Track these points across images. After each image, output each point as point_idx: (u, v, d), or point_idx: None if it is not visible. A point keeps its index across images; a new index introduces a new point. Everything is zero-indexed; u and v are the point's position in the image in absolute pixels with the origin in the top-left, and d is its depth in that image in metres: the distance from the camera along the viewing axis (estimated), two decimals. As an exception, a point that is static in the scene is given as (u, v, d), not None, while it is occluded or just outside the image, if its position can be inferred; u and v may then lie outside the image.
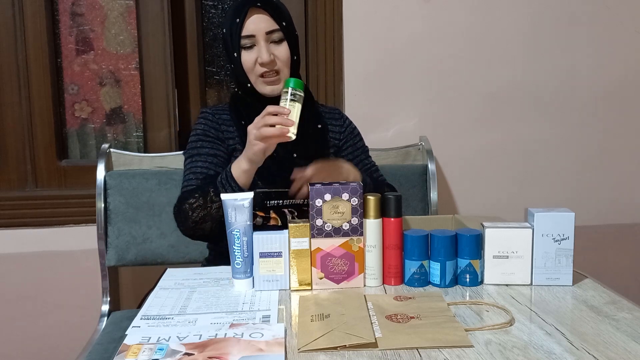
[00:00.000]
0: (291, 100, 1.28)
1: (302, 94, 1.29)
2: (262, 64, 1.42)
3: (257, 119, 1.29)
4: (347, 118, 1.63)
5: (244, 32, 1.41)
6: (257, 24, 1.41)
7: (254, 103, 1.47)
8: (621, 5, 2.14)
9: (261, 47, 1.42)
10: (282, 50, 1.44)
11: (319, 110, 1.58)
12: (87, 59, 2.10)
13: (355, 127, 1.64)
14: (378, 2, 2.04)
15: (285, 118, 1.25)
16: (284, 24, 1.44)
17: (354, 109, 2.08)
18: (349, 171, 1.43)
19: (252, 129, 1.29)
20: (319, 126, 1.53)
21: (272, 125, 1.25)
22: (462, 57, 2.10)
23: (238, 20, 1.40)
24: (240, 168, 1.34)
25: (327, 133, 1.56)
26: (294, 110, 1.28)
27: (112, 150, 1.88)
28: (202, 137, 1.50)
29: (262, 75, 1.44)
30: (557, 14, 2.12)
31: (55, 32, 2.06)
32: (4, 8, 1.98)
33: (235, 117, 1.50)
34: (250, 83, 1.45)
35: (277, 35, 1.43)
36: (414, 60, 2.08)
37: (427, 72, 2.09)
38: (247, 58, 1.43)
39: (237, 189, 1.34)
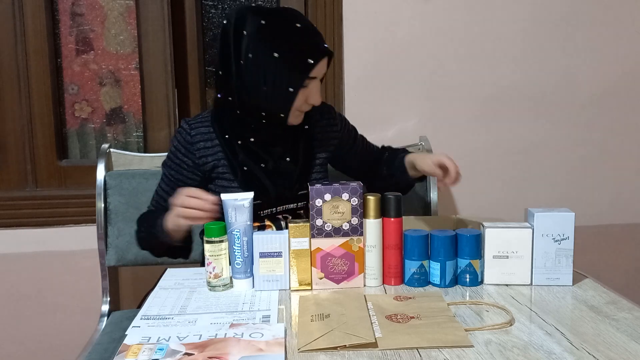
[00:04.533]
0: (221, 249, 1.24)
1: (222, 238, 1.25)
2: (312, 105, 1.41)
3: (182, 197, 1.27)
4: (333, 109, 1.60)
5: (311, 74, 1.37)
6: (322, 69, 1.39)
7: (257, 124, 1.42)
8: (621, 6, 2.14)
9: (316, 90, 1.39)
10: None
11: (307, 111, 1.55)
12: (87, 59, 2.10)
13: (346, 120, 1.63)
14: (378, 2, 2.04)
15: (212, 207, 1.24)
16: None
17: (354, 109, 2.08)
18: None
19: (175, 205, 1.28)
20: (306, 127, 1.50)
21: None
22: (462, 57, 2.10)
23: (311, 61, 1.34)
24: (167, 227, 1.35)
25: (315, 133, 1.53)
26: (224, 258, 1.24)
27: (112, 150, 1.88)
28: (172, 156, 1.47)
29: (300, 110, 1.42)
30: (557, 14, 2.12)
31: (55, 32, 2.06)
32: (4, 8, 1.98)
33: (219, 130, 1.44)
34: (285, 115, 1.40)
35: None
36: (413, 60, 2.08)
37: (427, 72, 2.09)
38: (300, 96, 1.38)
39: (170, 242, 1.39)
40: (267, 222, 1.43)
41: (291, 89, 1.35)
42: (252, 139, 1.43)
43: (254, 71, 1.34)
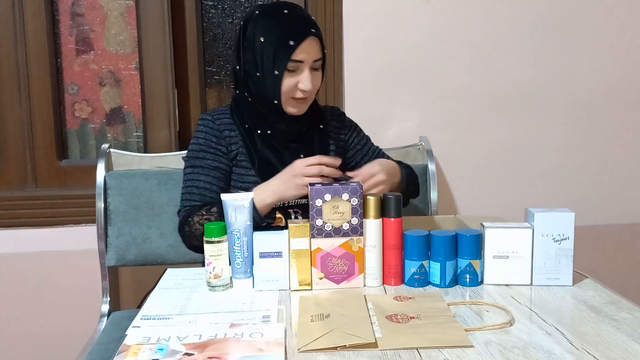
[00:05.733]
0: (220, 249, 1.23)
1: (222, 238, 1.24)
2: (303, 91, 1.41)
3: (302, 167, 1.30)
4: (345, 115, 1.65)
5: (295, 57, 1.38)
6: (309, 51, 1.39)
7: (270, 116, 1.46)
8: (621, 6, 2.14)
9: (305, 75, 1.40)
10: (318, 78, 1.45)
11: (321, 110, 1.58)
12: (87, 59, 2.10)
13: (353, 121, 1.66)
14: (378, 2, 2.04)
15: (330, 170, 1.29)
16: (325, 51, 1.45)
17: (354, 109, 2.08)
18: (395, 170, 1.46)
19: (297, 175, 1.30)
20: (321, 127, 1.54)
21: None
22: (462, 58, 2.10)
23: (292, 43, 1.37)
24: (266, 202, 1.35)
25: (329, 132, 1.57)
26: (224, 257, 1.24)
27: (112, 150, 1.88)
28: (204, 147, 1.48)
29: (294, 98, 1.43)
30: (557, 15, 2.12)
31: (55, 32, 2.06)
32: (4, 8, 1.98)
33: (239, 121, 1.49)
34: (278, 101, 1.43)
35: (318, 64, 1.43)
36: (414, 60, 2.08)
37: (427, 72, 2.09)
38: (288, 81, 1.40)
39: (258, 219, 1.34)
40: (278, 215, 1.44)
41: (276, 72, 1.39)
42: (269, 132, 1.47)
43: (249, 59, 1.42)
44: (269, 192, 1.35)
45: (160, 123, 2.08)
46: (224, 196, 1.24)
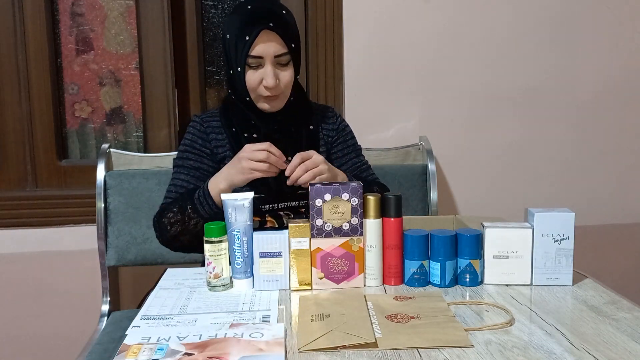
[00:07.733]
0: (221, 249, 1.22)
1: (222, 238, 1.22)
2: (266, 88, 1.39)
3: (250, 151, 1.29)
4: (339, 116, 1.61)
5: (252, 53, 1.36)
6: (267, 47, 1.36)
7: (250, 114, 1.46)
8: (621, 5, 2.14)
9: (268, 71, 1.37)
10: (287, 74, 1.41)
11: (312, 110, 1.56)
12: (87, 59, 2.10)
13: (348, 125, 1.62)
14: (378, 2, 2.04)
15: (277, 159, 1.29)
16: (293, 45, 1.40)
17: (354, 109, 2.08)
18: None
19: (244, 158, 1.30)
20: (311, 127, 1.52)
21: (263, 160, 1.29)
22: (462, 57, 2.10)
23: (247, 38, 1.35)
24: (218, 187, 1.34)
25: (318, 133, 1.54)
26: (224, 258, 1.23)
27: (112, 150, 1.88)
28: (188, 147, 1.49)
29: (259, 94, 1.42)
30: (557, 15, 2.12)
31: (55, 32, 2.06)
32: (4, 8, 1.98)
33: (226, 124, 1.48)
34: (249, 98, 1.43)
35: (284, 59, 1.39)
36: (413, 60, 2.08)
37: (427, 72, 2.09)
38: (251, 77, 1.39)
39: (214, 207, 1.35)
40: (269, 218, 1.43)
41: (239, 69, 1.39)
42: (255, 135, 1.46)
43: (223, 58, 1.45)
44: (220, 178, 1.35)
45: (160, 123, 2.09)
46: (223, 196, 1.24)
